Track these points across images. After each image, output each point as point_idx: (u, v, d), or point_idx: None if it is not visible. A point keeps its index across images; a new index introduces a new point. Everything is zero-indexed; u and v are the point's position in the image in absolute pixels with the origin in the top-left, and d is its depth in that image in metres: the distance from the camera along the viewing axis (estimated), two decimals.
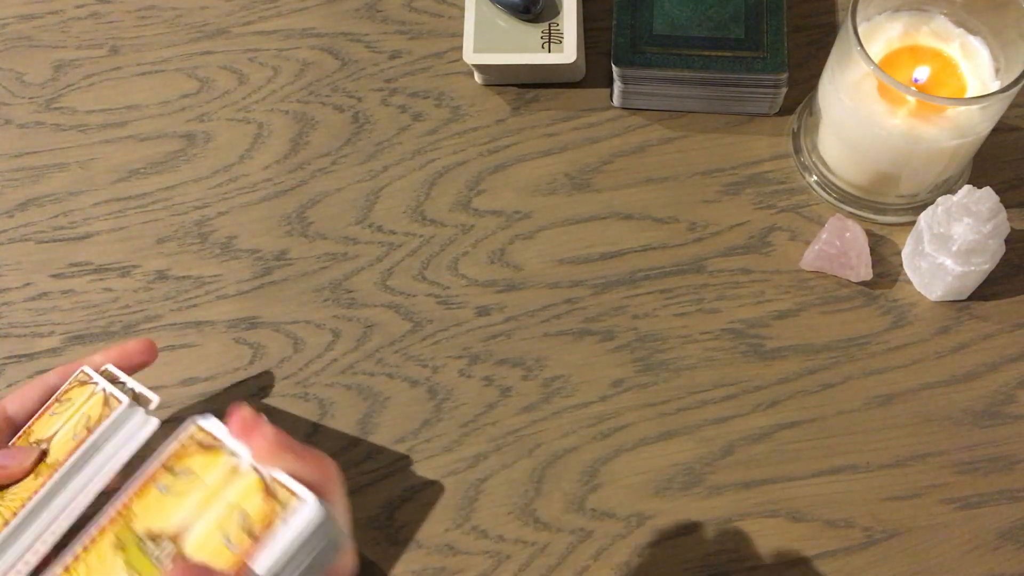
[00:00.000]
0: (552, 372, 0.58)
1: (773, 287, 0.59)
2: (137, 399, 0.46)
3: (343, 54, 0.67)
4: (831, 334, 0.58)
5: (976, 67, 0.56)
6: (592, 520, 0.54)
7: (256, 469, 0.36)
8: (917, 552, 0.53)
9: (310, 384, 0.58)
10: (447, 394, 0.57)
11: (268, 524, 0.34)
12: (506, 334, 0.59)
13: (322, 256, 0.61)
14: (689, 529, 0.54)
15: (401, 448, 0.56)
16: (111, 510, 0.37)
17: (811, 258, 0.59)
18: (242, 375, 0.58)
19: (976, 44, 0.56)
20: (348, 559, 0.38)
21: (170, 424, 0.50)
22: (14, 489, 0.44)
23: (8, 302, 0.61)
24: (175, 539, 0.35)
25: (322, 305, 0.60)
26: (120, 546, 0.36)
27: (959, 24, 0.57)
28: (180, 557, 0.34)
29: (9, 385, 0.59)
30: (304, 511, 0.34)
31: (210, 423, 0.37)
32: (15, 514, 0.42)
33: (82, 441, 0.44)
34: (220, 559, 0.34)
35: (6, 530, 0.42)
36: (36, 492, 0.43)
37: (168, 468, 0.37)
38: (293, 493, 0.34)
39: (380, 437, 0.57)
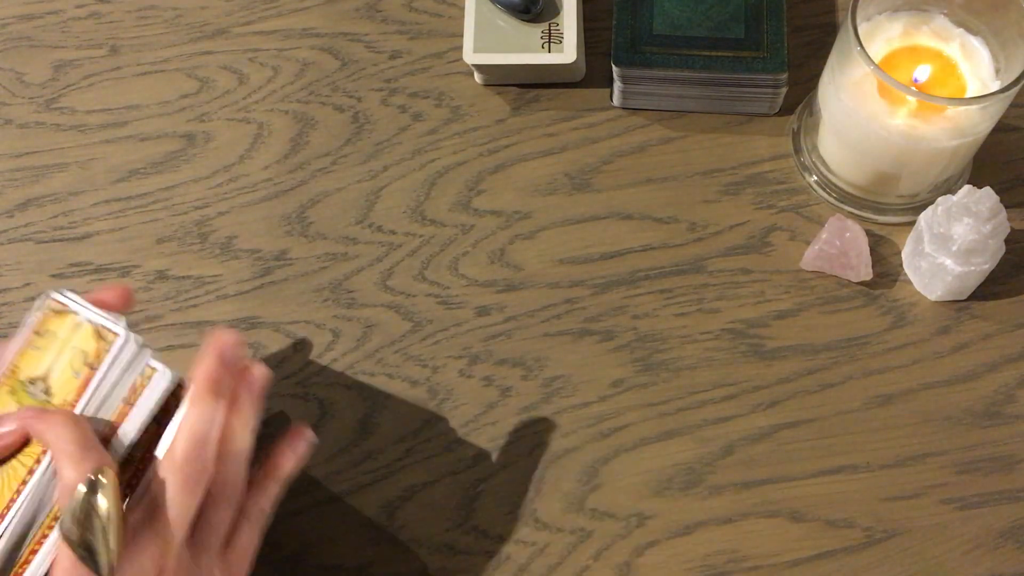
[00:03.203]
0: (552, 372, 0.58)
1: (773, 287, 0.59)
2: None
3: (343, 54, 0.67)
4: (831, 334, 0.58)
5: (976, 67, 0.56)
6: (592, 520, 0.54)
7: (90, 321, 0.45)
8: (917, 552, 0.53)
9: (310, 384, 0.58)
10: (447, 394, 0.57)
11: (99, 356, 0.44)
12: (506, 334, 0.59)
13: (322, 256, 0.61)
14: (689, 529, 0.54)
15: (401, 448, 0.56)
16: (4, 367, 0.47)
17: (811, 258, 0.59)
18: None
19: (976, 44, 0.56)
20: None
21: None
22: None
23: (8, 302, 0.61)
24: (45, 379, 0.45)
25: (322, 305, 0.60)
26: (12, 392, 0.46)
27: (959, 24, 0.57)
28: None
29: None
30: (121, 342, 0.44)
31: (60, 295, 0.47)
32: (38, 461, 0.43)
33: (87, 379, 0.44)
34: (71, 387, 0.44)
35: (33, 479, 0.43)
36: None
37: (37, 332, 0.46)
38: (114, 333, 0.45)
39: (380, 437, 0.57)
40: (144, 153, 0.65)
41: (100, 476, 0.41)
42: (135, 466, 0.45)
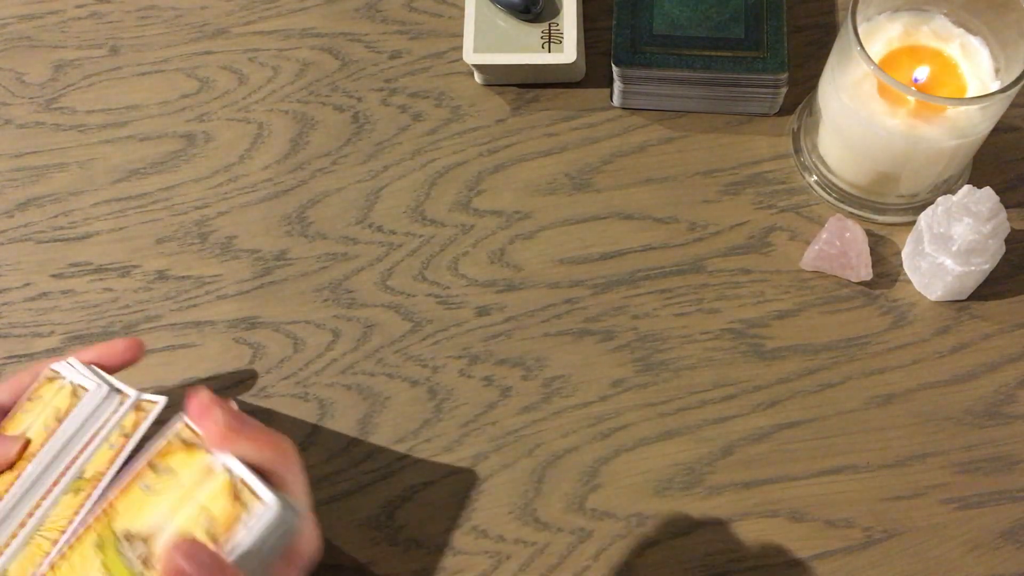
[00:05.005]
0: (552, 372, 0.58)
1: (773, 287, 0.59)
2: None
3: (343, 54, 0.67)
4: (831, 334, 0.58)
5: (976, 67, 0.56)
6: (592, 520, 0.54)
7: (228, 470, 0.36)
8: (917, 552, 0.53)
9: (310, 384, 0.58)
10: (447, 394, 0.57)
11: (229, 528, 0.35)
12: (506, 334, 0.59)
13: (322, 256, 0.61)
14: (689, 529, 0.54)
15: (401, 448, 0.56)
16: (97, 507, 0.38)
17: (811, 258, 0.59)
18: (242, 375, 0.58)
19: (976, 44, 0.56)
20: (309, 539, 0.39)
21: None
22: None
23: (8, 302, 0.61)
24: (148, 540, 0.36)
25: (322, 305, 0.60)
26: (100, 546, 0.37)
27: (959, 24, 0.57)
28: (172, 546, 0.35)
29: None
30: (266, 515, 0.35)
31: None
32: None
33: (53, 431, 0.43)
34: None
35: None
36: (12, 484, 0.42)
37: (152, 466, 0.38)
38: (256, 496, 0.35)
39: (380, 437, 0.57)
40: (144, 153, 0.65)
41: None
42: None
